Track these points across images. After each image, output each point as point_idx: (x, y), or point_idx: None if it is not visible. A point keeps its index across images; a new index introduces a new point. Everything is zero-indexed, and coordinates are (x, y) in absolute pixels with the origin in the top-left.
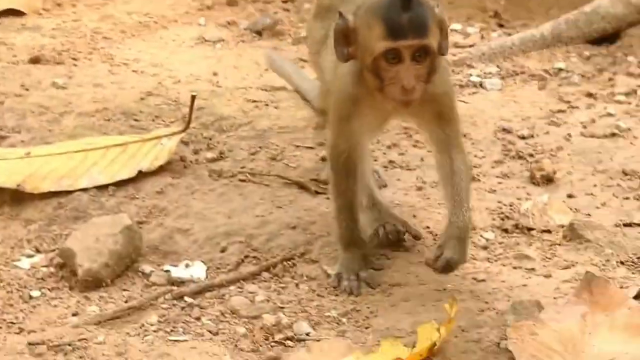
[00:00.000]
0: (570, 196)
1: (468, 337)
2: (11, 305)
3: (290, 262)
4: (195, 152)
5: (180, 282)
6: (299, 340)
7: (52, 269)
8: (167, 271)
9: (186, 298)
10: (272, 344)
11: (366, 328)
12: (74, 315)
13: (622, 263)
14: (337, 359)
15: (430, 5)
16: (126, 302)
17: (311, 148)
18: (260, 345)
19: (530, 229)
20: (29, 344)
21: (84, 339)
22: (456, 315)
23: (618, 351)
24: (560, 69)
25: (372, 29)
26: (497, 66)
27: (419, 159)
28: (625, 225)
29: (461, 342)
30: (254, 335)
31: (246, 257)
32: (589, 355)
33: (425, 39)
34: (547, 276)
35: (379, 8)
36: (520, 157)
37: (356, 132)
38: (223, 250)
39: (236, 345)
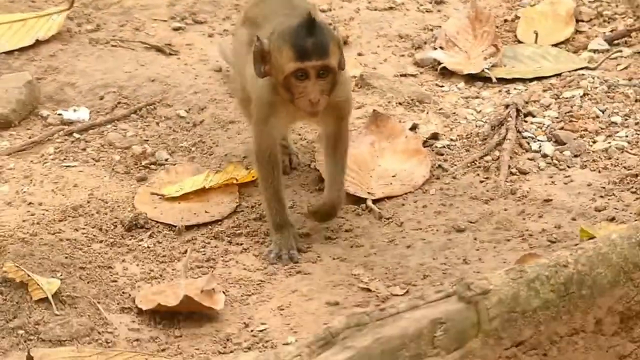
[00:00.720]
0: (359, 54)
1: None
2: None
3: (152, 106)
4: (79, 25)
5: (70, 123)
6: (160, 165)
7: None
8: (60, 114)
9: (75, 134)
10: (140, 167)
11: (210, 155)
12: None
13: (400, 104)
14: (191, 174)
15: (329, 28)
16: (30, 138)
17: (165, 21)
18: (131, 169)
19: None
20: None
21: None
22: None
23: (398, 169)
24: None
25: (283, 52)
26: None
27: None
28: (402, 75)
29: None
30: (126, 161)
31: (119, 103)
32: (377, 172)
33: (327, 59)
34: None
35: (288, 34)
36: None
37: (274, 130)
38: (101, 98)
39: (113, 169)
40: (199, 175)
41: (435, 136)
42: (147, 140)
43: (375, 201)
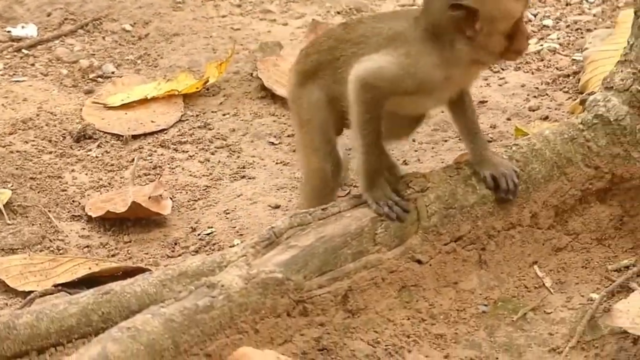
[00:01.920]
0: None
1: (229, 70)
2: None
3: (98, 21)
4: None
5: (19, 39)
6: (107, 77)
7: None
8: (9, 31)
9: (23, 50)
10: (87, 81)
11: (155, 67)
12: None
13: (338, 13)
14: (137, 85)
15: None
16: None
17: None
18: (79, 82)
19: None
20: None
21: None
22: (231, 58)
23: None
24: None
25: None
26: None
27: None
28: None
29: (226, 74)
30: (74, 75)
31: (66, 19)
32: None
33: None
34: (285, 24)
35: None
36: None
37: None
38: (49, 15)
39: (61, 83)
40: (149, 84)
41: None
42: (94, 54)
43: None
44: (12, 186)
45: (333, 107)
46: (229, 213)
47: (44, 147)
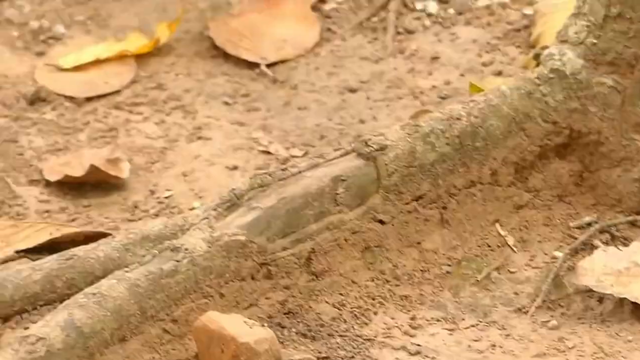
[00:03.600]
0: None
1: (179, 29)
2: None
3: None
4: None
5: None
6: (57, 39)
7: None
8: None
9: None
10: (39, 42)
11: (105, 27)
12: None
13: None
14: (88, 46)
15: None
16: None
17: None
18: (30, 44)
19: None
20: None
21: None
22: (181, 17)
23: (289, 33)
24: None
25: None
26: None
27: None
28: None
29: (176, 34)
30: (24, 37)
31: None
32: (268, 37)
33: None
34: None
35: None
36: None
37: None
38: None
39: (13, 45)
40: (100, 45)
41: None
42: (44, 15)
43: (268, 65)
44: None
45: None
46: (187, 175)
47: None
